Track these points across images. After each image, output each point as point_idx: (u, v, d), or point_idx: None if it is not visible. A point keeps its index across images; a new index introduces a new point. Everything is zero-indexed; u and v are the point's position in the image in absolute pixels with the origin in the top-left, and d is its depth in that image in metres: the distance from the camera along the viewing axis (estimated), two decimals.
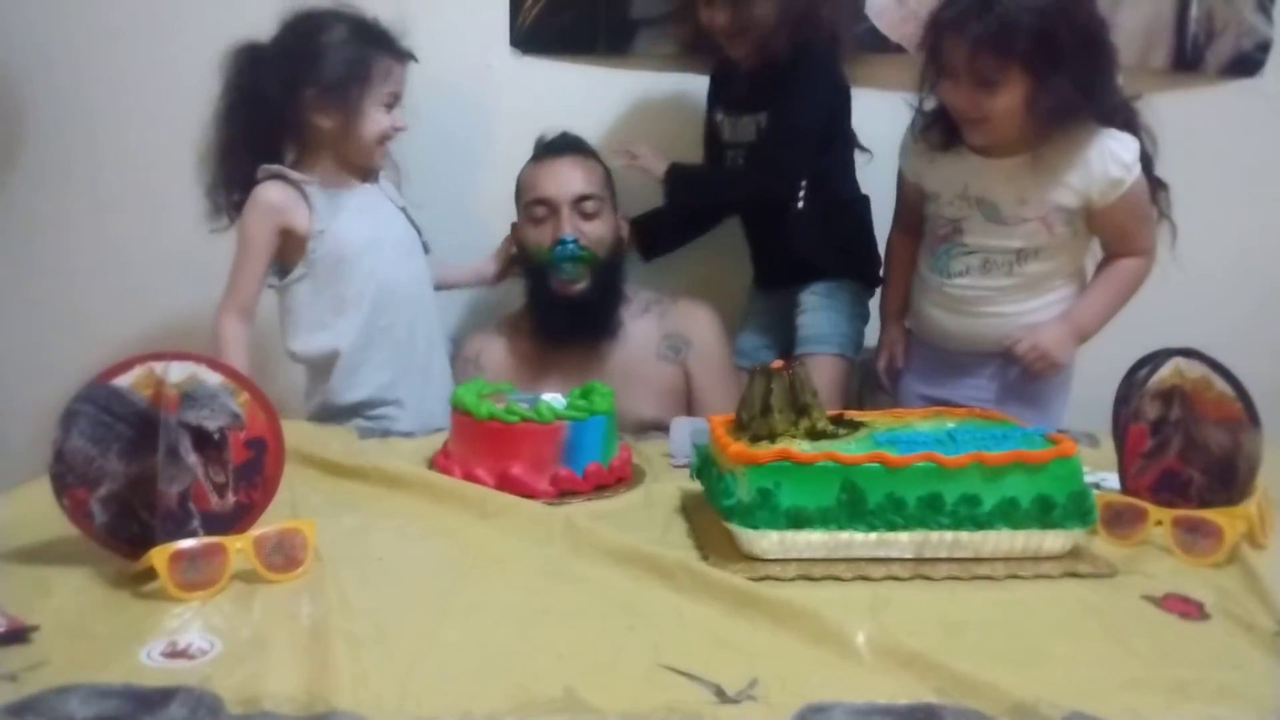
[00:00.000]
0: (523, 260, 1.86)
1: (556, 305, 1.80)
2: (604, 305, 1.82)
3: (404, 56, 1.71)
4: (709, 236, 2.01)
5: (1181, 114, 2.06)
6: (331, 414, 1.69)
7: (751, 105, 1.80)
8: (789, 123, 1.75)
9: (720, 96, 1.89)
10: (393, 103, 1.70)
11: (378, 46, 1.67)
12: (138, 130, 2.06)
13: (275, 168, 1.67)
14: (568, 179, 1.79)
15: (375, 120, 1.68)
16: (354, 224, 1.69)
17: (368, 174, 1.76)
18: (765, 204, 1.84)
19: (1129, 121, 1.56)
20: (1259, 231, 2.17)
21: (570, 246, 1.76)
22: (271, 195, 1.65)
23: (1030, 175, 1.54)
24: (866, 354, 1.94)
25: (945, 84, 1.54)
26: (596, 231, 1.79)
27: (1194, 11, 2.04)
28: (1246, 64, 2.08)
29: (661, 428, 1.74)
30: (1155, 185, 1.61)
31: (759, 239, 1.94)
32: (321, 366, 1.70)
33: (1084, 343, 1.64)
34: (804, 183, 1.78)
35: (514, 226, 1.88)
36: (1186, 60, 2.06)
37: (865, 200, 1.87)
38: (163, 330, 2.09)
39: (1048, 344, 1.60)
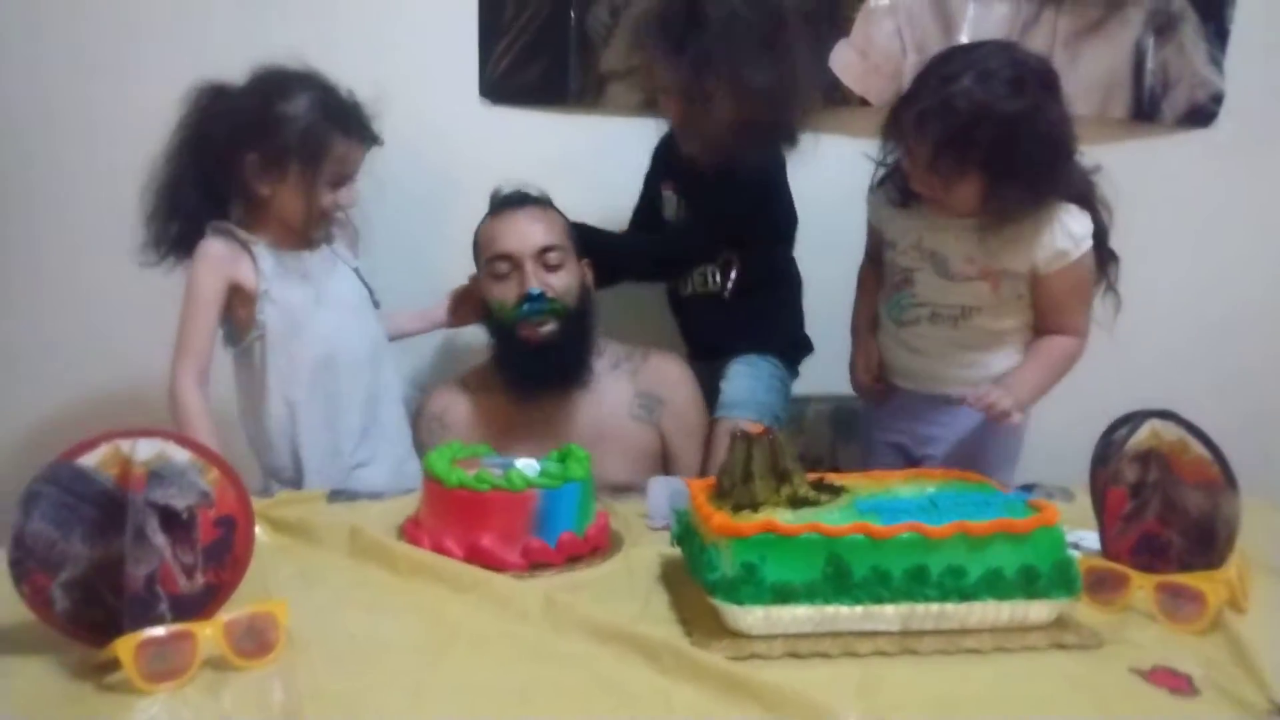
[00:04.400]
0: (487, 318, 1.80)
1: (525, 354, 1.73)
2: (574, 351, 1.76)
3: (365, 139, 1.66)
4: None
5: (1140, 163, 2.13)
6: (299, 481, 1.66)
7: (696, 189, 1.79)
8: (704, 215, 1.76)
9: (669, 173, 1.87)
10: (341, 182, 1.65)
11: (339, 127, 1.61)
12: (108, 170, 1.99)
13: (222, 224, 1.63)
14: (529, 231, 1.73)
15: (318, 197, 1.62)
16: (299, 284, 1.66)
17: (315, 240, 1.71)
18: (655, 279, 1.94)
19: (1085, 195, 1.58)
20: (1214, 278, 2.22)
21: (538, 301, 1.70)
22: (215, 248, 1.61)
23: (980, 237, 1.55)
24: (842, 402, 1.95)
25: (906, 162, 1.55)
26: (562, 282, 1.73)
27: (1150, 64, 2.09)
28: (1201, 115, 2.14)
29: (634, 490, 1.71)
30: (1106, 257, 1.62)
31: (682, 317, 1.94)
32: (278, 433, 1.66)
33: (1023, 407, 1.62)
34: (732, 273, 1.80)
35: (472, 280, 1.83)
36: (1144, 111, 2.12)
37: (797, 281, 1.87)
38: (133, 374, 2.03)
39: (999, 394, 1.55)
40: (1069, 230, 1.54)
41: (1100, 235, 1.59)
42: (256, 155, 1.60)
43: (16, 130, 2.04)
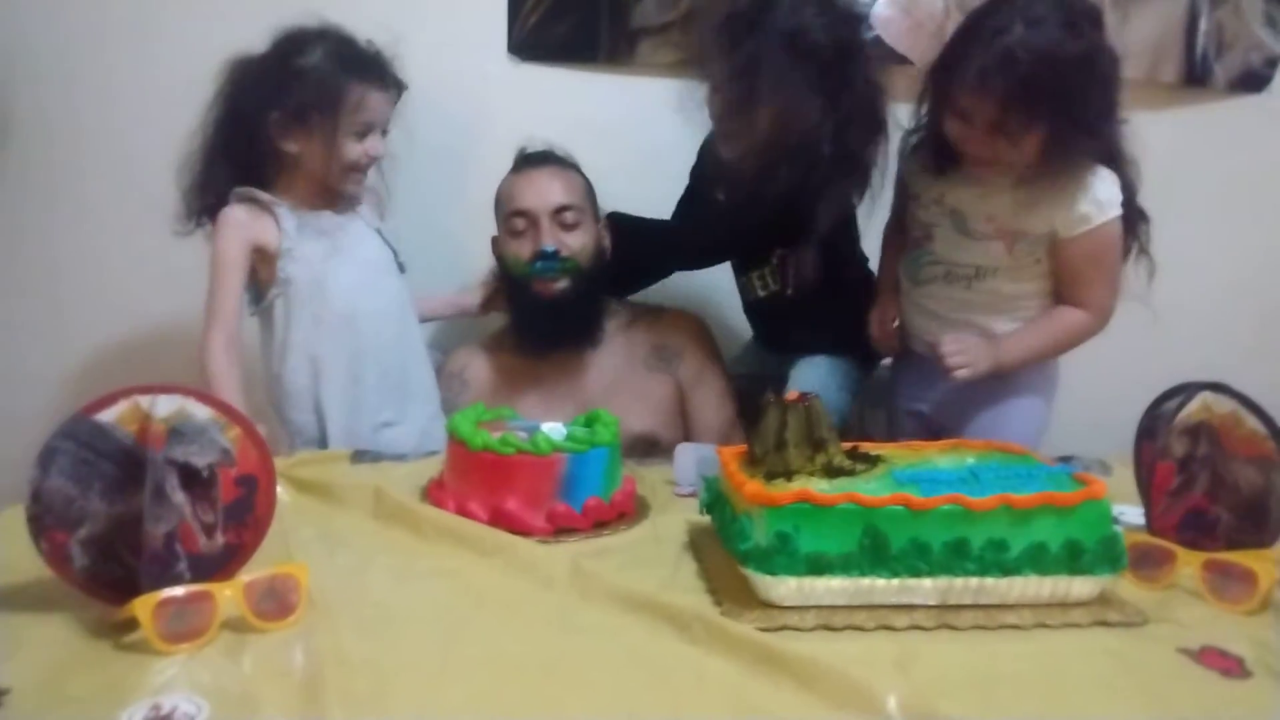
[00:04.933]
0: (503, 274, 1.82)
1: (538, 310, 1.75)
2: (586, 309, 1.77)
3: (387, 86, 1.66)
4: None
5: (1190, 128, 2.06)
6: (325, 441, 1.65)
7: None
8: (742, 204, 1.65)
9: (716, 174, 1.74)
10: (366, 131, 1.65)
11: (354, 74, 1.61)
12: (123, 134, 2.01)
13: (245, 190, 1.64)
14: (547, 189, 1.74)
15: (343, 149, 1.62)
16: (322, 242, 1.66)
17: (344, 199, 1.71)
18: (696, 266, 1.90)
19: (1113, 152, 1.51)
20: (1264, 247, 2.15)
21: (551, 259, 1.71)
22: (237, 214, 1.62)
23: (1004, 196, 1.51)
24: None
25: (956, 125, 1.48)
26: (577, 241, 1.74)
27: (1203, 26, 2.01)
28: (1255, 79, 2.06)
29: (653, 440, 1.72)
30: (1136, 217, 1.56)
31: (756, 321, 1.89)
32: (301, 389, 1.65)
33: (998, 370, 1.57)
34: (789, 271, 1.73)
35: (494, 241, 1.83)
36: (1196, 75, 2.04)
37: (870, 277, 1.80)
38: (146, 336, 2.06)
39: (971, 349, 1.54)
40: (1094, 194, 1.48)
41: (1128, 193, 1.53)
42: (279, 113, 1.60)
43: (36, 95, 2.02)
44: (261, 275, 1.65)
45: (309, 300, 1.64)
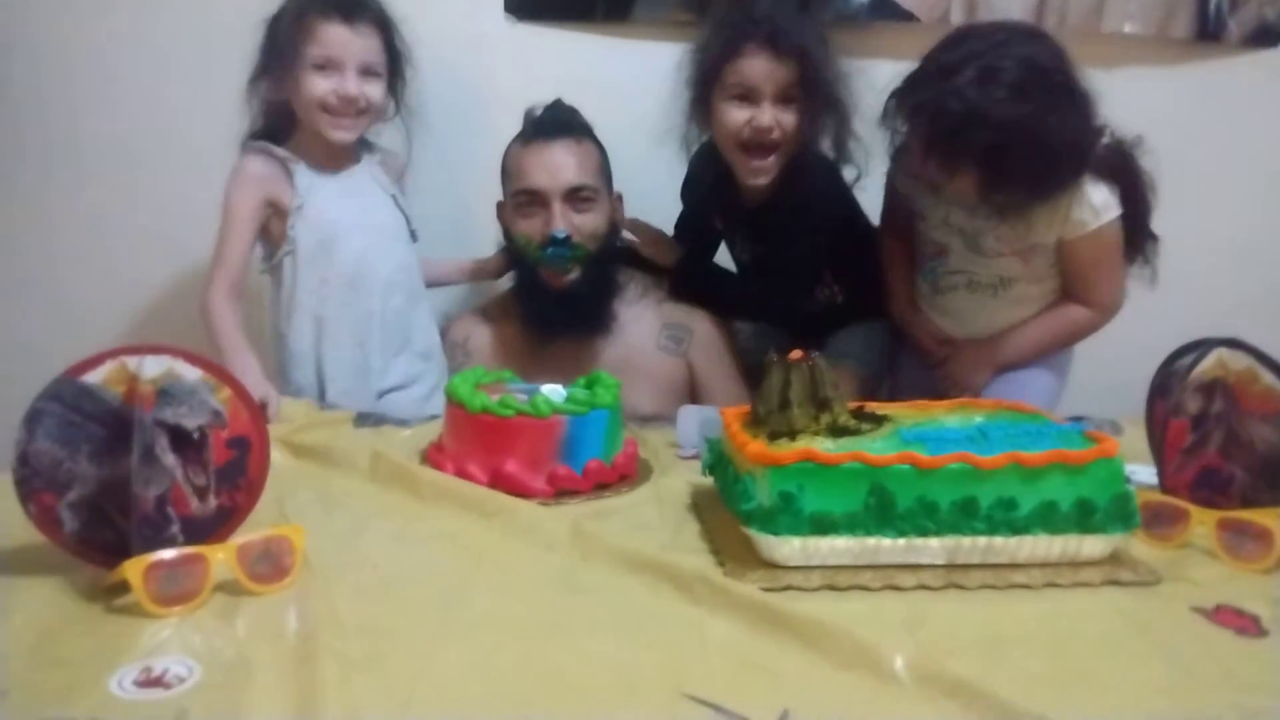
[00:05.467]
0: (509, 246, 1.76)
1: (546, 298, 1.69)
2: (597, 298, 1.71)
3: (354, 22, 1.60)
4: None
5: (1203, 85, 2.02)
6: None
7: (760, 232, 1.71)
8: (799, 253, 1.67)
9: (716, 203, 1.75)
10: (326, 65, 1.59)
11: (314, 8, 1.59)
12: (120, 105, 1.99)
13: (260, 144, 1.63)
14: (560, 168, 1.65)
15: (304, 83, 1.59)
16: (334, 203, 1.64)
17: (350, 154, 1.69)
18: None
19: (1117, 169, 1.50)
20: (1277, 205, 2.11)
21: (562, 245, 1.64)
22: (252, 165, 1.62)
23: (1001, 219, 1.50)
24: None
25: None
26: (590, 224, 1.67)
27: None
28: (1270, 34, 2.01)
29: (662, 420, 1.68)
30: (1145, 236, 1.55)
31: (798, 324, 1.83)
32: (304, 350, 1.64)
33: (1001, 369, 1.62)
34: (835, 287, 1.74)
35: (499, 206, 1.78)
36: (1208, 30, 1.99)
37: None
38: (145, 308, 2.05)
39: (961, 375, 1.62)
40: (1089, 201, 1.48)
41: (1140, 214, 1.52)
42: (258, 53, 1.61)
43: (32, 64, 2.00)
44: (273, 232, 1.64)
45: (317, 261, 1.63)
